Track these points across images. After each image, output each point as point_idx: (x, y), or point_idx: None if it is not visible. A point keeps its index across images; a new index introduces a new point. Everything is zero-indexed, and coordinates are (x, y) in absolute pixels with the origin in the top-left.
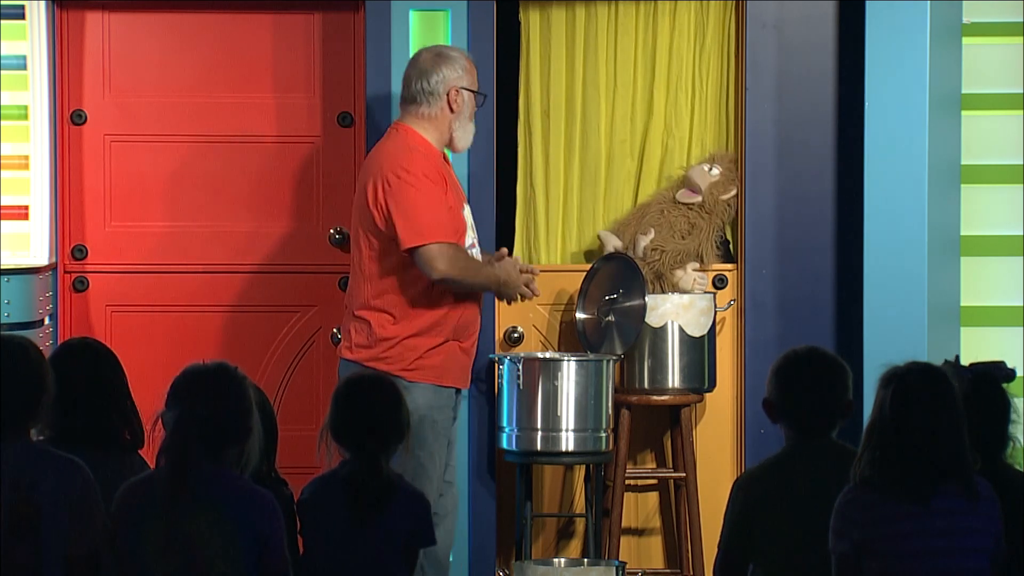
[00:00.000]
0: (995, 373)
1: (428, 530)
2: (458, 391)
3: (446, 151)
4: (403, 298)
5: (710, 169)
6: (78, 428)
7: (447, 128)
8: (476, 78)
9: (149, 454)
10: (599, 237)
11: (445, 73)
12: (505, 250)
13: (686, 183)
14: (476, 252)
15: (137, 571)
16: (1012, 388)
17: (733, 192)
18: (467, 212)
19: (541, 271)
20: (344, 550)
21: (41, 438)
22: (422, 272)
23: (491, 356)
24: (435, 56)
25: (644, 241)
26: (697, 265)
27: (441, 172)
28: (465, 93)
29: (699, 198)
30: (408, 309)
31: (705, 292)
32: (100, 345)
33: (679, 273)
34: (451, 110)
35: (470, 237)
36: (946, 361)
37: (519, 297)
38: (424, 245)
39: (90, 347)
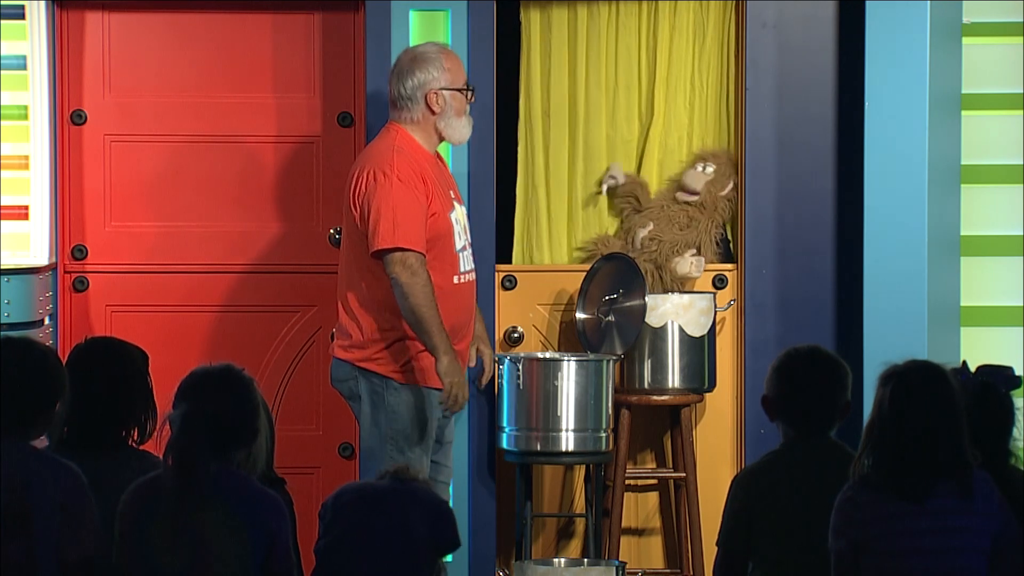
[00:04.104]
0: (999, 383)
1: (452, 536)
2: None
3: (440, 150)
4: (395, 300)
5: (704, 168)
6: (83, 432)
7: (433, 129)
8: (460, 72)
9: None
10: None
11: (420, 77)
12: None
13: (681, 187)
14: (468, 254)
15: (145, 570)
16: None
17: (731, 186)
18: (459, 214)
19: (541, 271)
20: (366, 556)
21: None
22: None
23: None
24: (411, 60)
25: (643, 233)
26: (695, 251)
27: (424, 176)
28: (445, 93)
29: (697, 198)
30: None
31: (705, 292)
32: (108, 343)
33: (676, 259)
34: (432, 112)
35: (461, 240)
36: (952, 369)
37: (451, 395)
38: (388, 249)
39: (95, 348)
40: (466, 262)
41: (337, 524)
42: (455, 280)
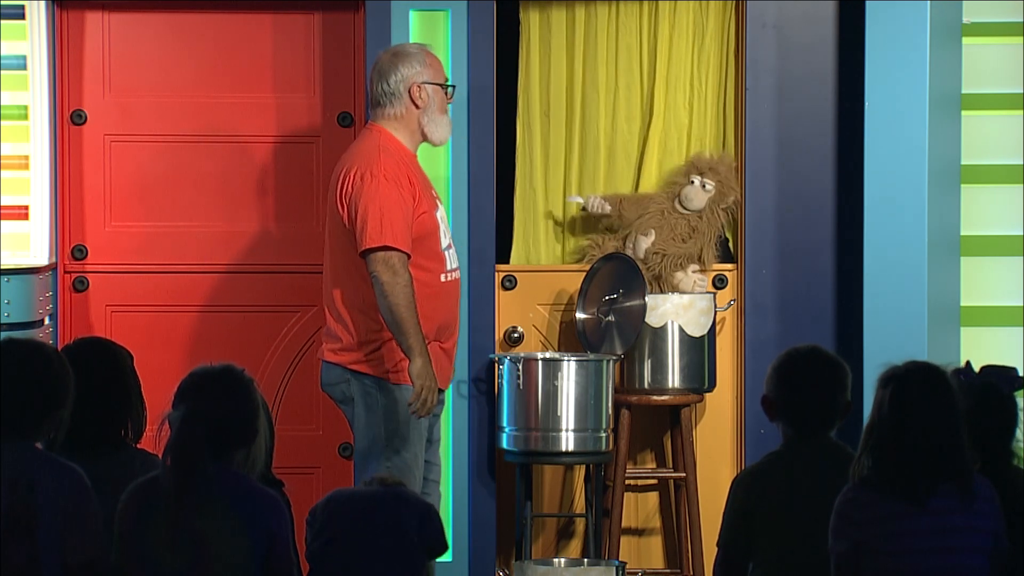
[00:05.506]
0: (1003, 384)
1: (440, 537)
2: (440, 391)
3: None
4: None
5: (703, 186)
6: (83, 430)
7: (416, 125)
8: (441, 71)
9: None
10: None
11: (403, 72)
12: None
13: (681, 202)
14: (452, 253)
15: (145, 571)
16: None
17: (732, 198)
18: (442, 213)
19: (541, 271)
20: (356, 561)
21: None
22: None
23: (491, 356)
24: (392, 56)
25: (645, 243)
26: (697, 267)
27: (410, 175)
28: (428, 87)
29: (698, 210)
30: None
31: (705, 292)
32: (100, 343)
33: (679, 275)
34: (416, 106)
35: (446, 238)
36: (955, 370)
37: (420, 397)
38: (374, 248)
39: (87, 347)
40: (451, 260)
41: (330, 527)
42: (442, 278)
